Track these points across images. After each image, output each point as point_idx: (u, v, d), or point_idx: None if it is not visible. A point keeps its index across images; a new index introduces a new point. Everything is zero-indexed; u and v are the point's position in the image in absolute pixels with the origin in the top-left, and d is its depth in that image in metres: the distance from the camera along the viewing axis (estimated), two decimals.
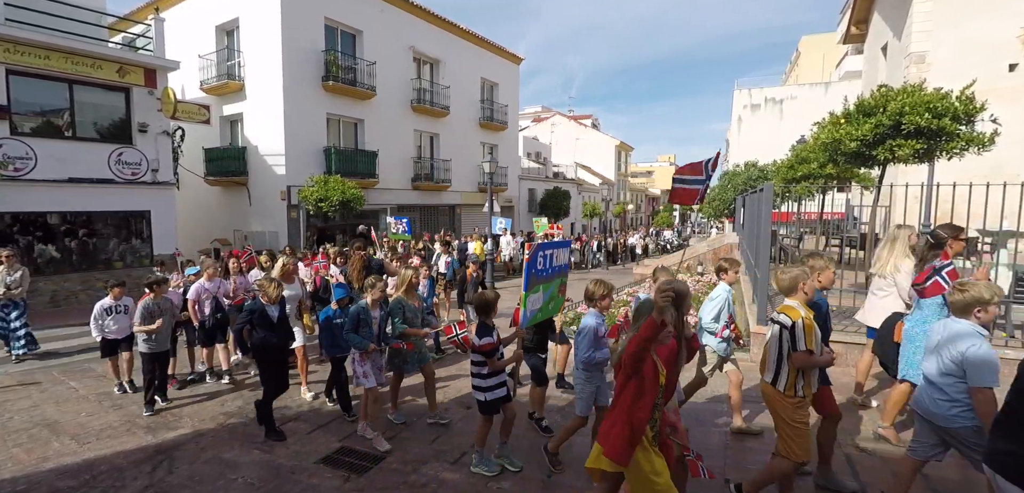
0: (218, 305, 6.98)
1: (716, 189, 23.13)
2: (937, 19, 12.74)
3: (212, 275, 7.11)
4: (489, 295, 4.29)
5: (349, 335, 4.95)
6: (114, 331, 6.44)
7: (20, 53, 10.83)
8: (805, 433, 3.25)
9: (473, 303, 4.26)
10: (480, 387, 4.18)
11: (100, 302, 6.41)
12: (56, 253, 11.94)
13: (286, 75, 16.28)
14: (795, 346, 3.18)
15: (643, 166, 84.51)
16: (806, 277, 3.35)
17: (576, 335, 4.26)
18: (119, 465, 4.73)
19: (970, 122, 6.79)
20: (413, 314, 5.31)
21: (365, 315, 5.01)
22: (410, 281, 5.37)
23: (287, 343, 5.44)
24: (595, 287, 4.29)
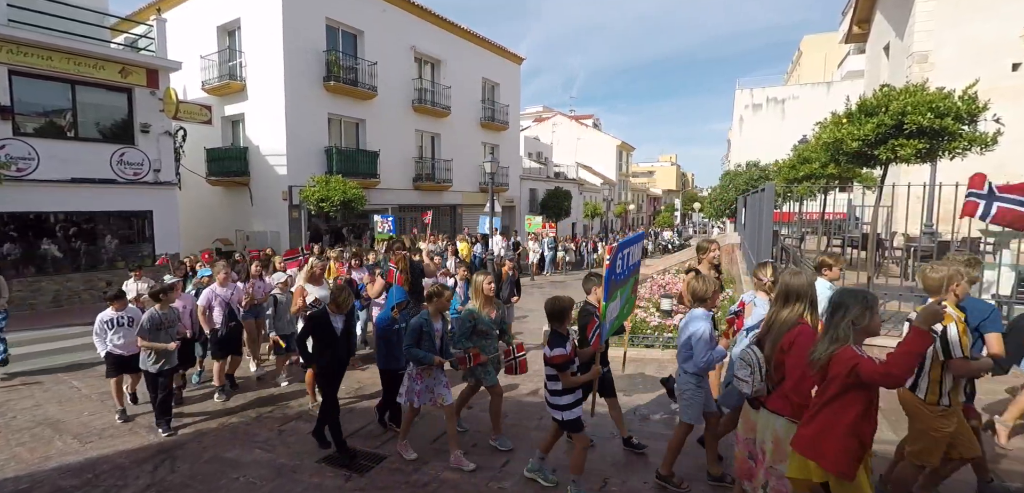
0: (231, 312, 6.48)
1: (717, 189, 23.13)
2: (939, 19, 12.70)
3: (225, 279, 6.61)
4: (565, 300, 3.86)
5: (411, 350, 4.38)
6: (120, 346, 5.67)
7: (23, 54, 10.85)
8: (944, 442, 3.05)
9: (546, 311, 3.76)
10: (557, 404, 3.76)
11: (100, 314, 5.70)
12: (59, 253, 11.96)
13: (287, 75, 16.29)
14: (949, 353, 2.95)
15: (644, 166, 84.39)
16: (959, 278, 3.13)
17: (686, 338, 3.75)
18: (121, 464, 4.75)
19: (973, 122, 6.77)
20: (488, 327, 4.80)
21: (428, 327, 4.43)
22: (485, 290, 4.82)
23: (348, 359, 5.09)
24: (702, 284, 3.83)
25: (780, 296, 2.95)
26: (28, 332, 9.40)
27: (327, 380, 4.82)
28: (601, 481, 4.08)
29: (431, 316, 4.51)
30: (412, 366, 4.52)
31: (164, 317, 5.43)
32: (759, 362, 2.90)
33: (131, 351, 5.57)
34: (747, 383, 2.91)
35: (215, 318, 6.39)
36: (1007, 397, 4.99)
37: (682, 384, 3.83)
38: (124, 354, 5.66)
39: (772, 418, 2.81)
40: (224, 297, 6.48)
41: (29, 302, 11.26)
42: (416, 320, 4.44)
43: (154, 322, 5.33)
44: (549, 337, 3.73)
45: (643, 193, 68.59)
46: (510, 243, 20.32)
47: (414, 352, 4.39)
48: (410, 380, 4.54)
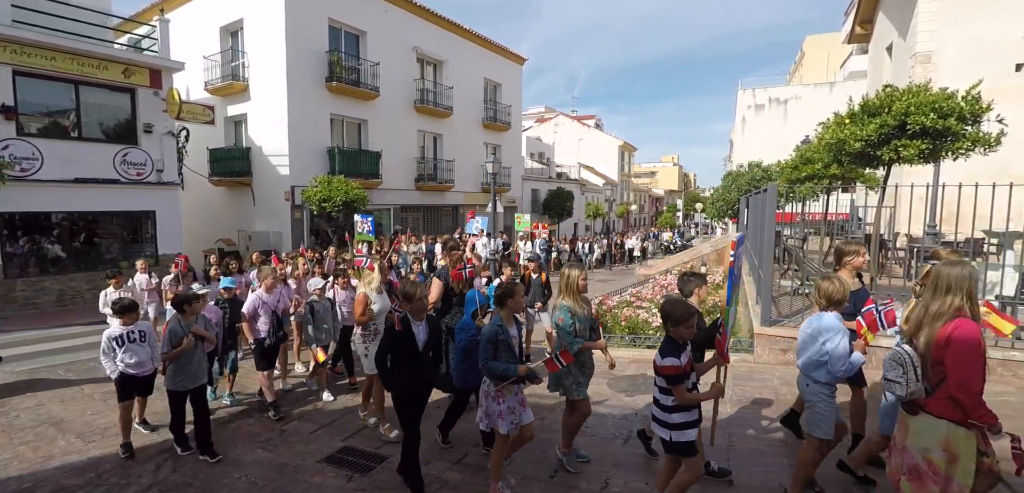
0: (278, 321, 5.99)
1: (719, 190, 23.08)
2: (943, 19, 12.66)
3: (272, 285, 6.03)
4: (684, 302, 3.37)
5: (490, 364, 3.72)
6: (132, 366, 4.94)
7: (26, 54, 10.90)
8: None
9: (662, 311, 3.31)
10: (664, 421, 3.25)
11: (107, 332, 4.97)
12: (62, 253, 12.00)
13: (290, 76, 16.33)
14: None
15: (646, 166, 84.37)
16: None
17: (818, 344, 3.40)
18: (123, 463, 4.76)
19: (976, 122, 6.75)
20: (584, 325, 4.11)
21: (503, 333, 3.82)
22: (577, 283, 4.17)
23: (437, 377, 4.51)
24: (835, 286, 3.45)
25: (933, 287, 2.70)
26: (31, 332, 9.44)
27: (408, 406, 4.03)
28: (602, 482, 4.08)
29: (504, 320, 3.88)
30: (488, 383, 3.84)
31: (188, 330, 4.82)
32: (912, 361, 2.64)
33: (145, 371, 5.03)
34: (900, 384, 2.66)
35: (260, 328, 5.86)
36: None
37: (812, 396, 3.46)
38: (138, 374, 4.99)
39: (936, 423, 2.55)
40: (271, 304, 5.93)
41: (33, 302, 11.31)
42: (489, 328, 3.84)
43: (178, 336, 4.73)
44: (662, 343, 3.30)
45: (645, 193, 68.55)
46: (498, 244, 18.90)
47: (493, 367, 3.72)
48: (488, 401, 3.82)
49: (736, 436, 4.71)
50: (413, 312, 4.02)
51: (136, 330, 5.01)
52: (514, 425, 3.78)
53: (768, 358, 6.55)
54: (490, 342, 3.78)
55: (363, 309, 5.40)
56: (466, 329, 4.69)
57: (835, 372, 3.33)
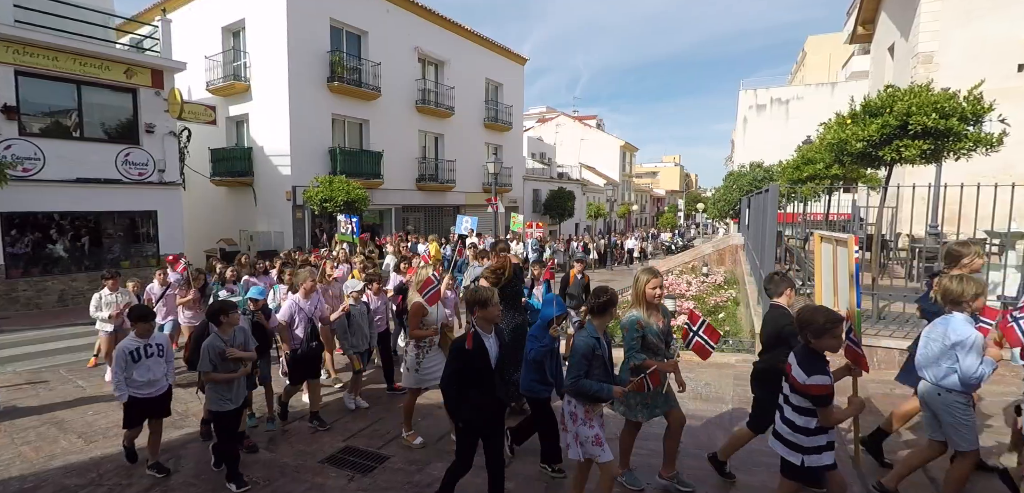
0: (314, 330, 5.51)
1: (721, 190, 23.06)
2: (945, 19, 12.64)
3: (310, 290, 5.55)
4: (824, 309, 2.89)
5: (582, 382, 3.22)
6: (144, 386, 4.35)
7: (29, 54, 10.93)
8: None
9: (800, 319, 2.85)
10: (797, 444, 2.81)
11: (121, 345, 4.37)
12: (64, 253, 12.03)
13: (292, 76, 16.35)
14: None
15: (648, 166, 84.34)
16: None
17: (945, 347, 3.13)
18: (125, 464, 4.76)
19: (978, 122, 6.73)
20: (657, 338, 3.68)
21: (600, 347, 3.33)
22: (646, 292, 3.69)
23: (509, 400, 4.10)
24: (959, 285, 3.14)
25: None
26: (33, 331, 9.46)
27: (474, 434, 3.48)
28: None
29: (598, 330, 3.37)
30: (574, 404, 3.33)
31: (226, 345, 4.31)
32: None
33: (159, 390, 4.44)
34: None
35: (296, 336, 5.38)
36: None
37: (948, 405, 3.14)
38: (153, 395, 4.38)
39: None
40: (308, 311, 5.45)
41: (35, 302, 11.34)
42: (583, 341, 3.29)
43: (218, 352, 4.21)
44: (801, 357, 2.82)
45: (647, 194, 68.52)
46: (486, 244, 18.11)
47: (587, 386, 3.22)
48: (578, 424, 3.30)
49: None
50: (484, 322, 3.44)
51: (154, 343, 4.44)
52: (600, 453, 3.27)
53: None
54: (584, 358, 3.26)
55: (418, 321, 4.87)
56: (537, 338, 4.05)
57: (970, 377, 3.03)
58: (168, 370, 4.56)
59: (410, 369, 4.95)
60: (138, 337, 4.38)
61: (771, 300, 3.87)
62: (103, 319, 7.20)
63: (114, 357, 4.35)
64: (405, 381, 5.06)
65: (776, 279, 3.90)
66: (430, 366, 4.89)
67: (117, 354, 4.31)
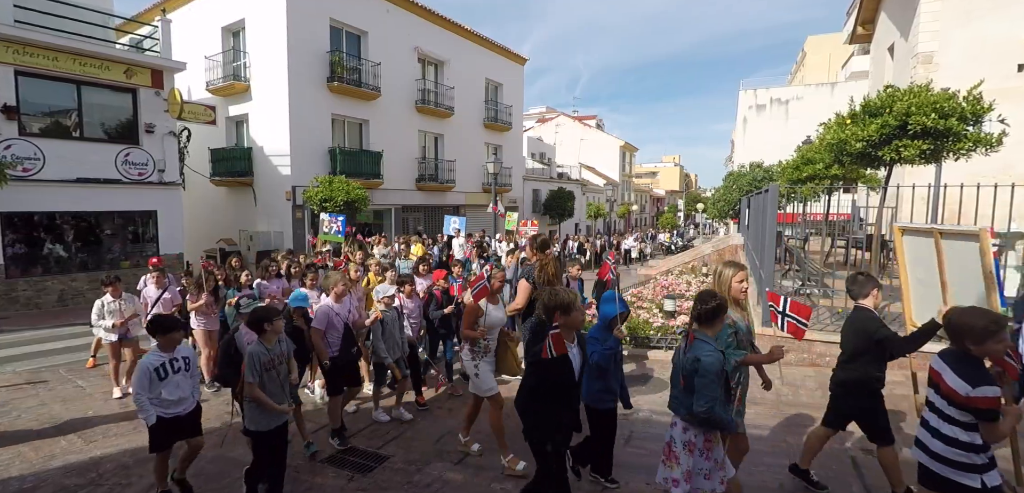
0: (350, 335, 5.15)
1: (721, 190, 23.07)
2: (945, 19, 12.64)
3: (342, 293, 5.16)
4: (985, 312, 2.61)
5: (719, 411, 2.71)
6: (174, 405, 3.90)
7: (28, 54, 10.93)
8: None
9: (959, 325, 2.54)
10: (972, 464, 2.50)
11: (143, 362, 3.86)
12: (63, 253, 12.03)
13: (291, 76, 16.34)
14: None
15: (648, 167, 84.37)
16: None
17: None
18: (125, 463, 4.76)
19: (978, 122, 6.74)
20: (747, 337, 3.42)
21: (727, 364, 2.93)
22: (732, 286, 3.39)
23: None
24: None
25: None
26: (33, 331, 9.47)
27: (559, 458, 3.09)
28: (603, 483, 4.07)
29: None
30: (692, 433, 2.85)
31: (272, 356, 3.85)
32: None
33: (188, 408, 4.00)
34: None
35: (331, 343, 5.01)
36: None
37: None
38: (182, 413, 3.95)
39: None
40: (344, 316, 5.10)
41: (35, 302, 11.34)
42: (713, 357, 2.74)
43: (261, 362, 3.76)
44: (957, 366, 2.50)
45: (646, 194, 68.53)
46: (473, 245, 16.94)
47: (721, 415, 2.73)
48: (693, 455, 2.84)
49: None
50: (566, 330, 3.05)
51: (180, 356, 3.95)
52: (723, 482, 2.88)
53: None
54: (717, 378, 2.71)
55: (473, 321, 4.53)
56: (597, 340, 3.70)
57: None
58: (195, 385, 4.11)
59: (470, 374, 4.62)
60: (162, 351, 3.88)
61: (856, 302, 3.57)
62: (107, 328, 6.67)
63: (135, 376, 3.86)
64: (472, 387, 4.69)
65: (860, 280, 3.61)
66: (487, 370, 4.56)
67: (140, 373, 3.80)
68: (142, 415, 3.80)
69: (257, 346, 3.82)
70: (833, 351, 6.39)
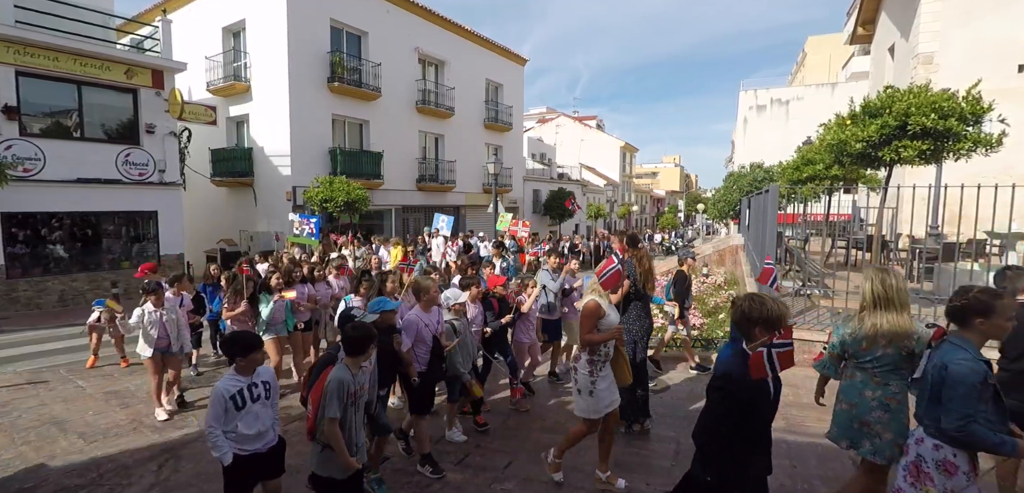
0: (438, 348, 4.54)
1: (721, 191, 23.07)
2: (945, 20, 12.64)
3: (432, 301, 4.56)
4: None
5: (978, 430, 2.27)
6: (252, 441, 3.18)
7: (29, 55, 10.94)
8: None
9: None
10: None
11: (220, 387, 3.10)
12: (64, 253, 12.04)
13: (292, 76, 16.36)
14: None
15: (648, 167, 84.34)
16: None
17: None
18: (125, 464, 4.76)
19: (977, 123, 6.74)
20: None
21: (992, 376, 2.39)
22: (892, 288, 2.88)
23: None
24: None
25: None
26: (34, 331, 9.47)
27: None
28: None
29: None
30: (945, 452, 2.39)
31: (359, 384, 3.25)
32: None
33: (269, 443, 3.28)
34: None
35: (419, 356, 4.41)
36: None
37: None
38: (263, 449, 3.24)
39: None
40: (433, 327, 4.53)
41: (35, 302, 11.35)
42: (969, 366, 2.30)
43: (347, 392, 3.12)
44: None
45: (647, 194, 68.51)
46: (459, 246, 15.89)
47: (982, 435, 2.28)
48: (954, 477, 2.38)
49: None
50: (764, 329, 2.39)
51: (259, 381, 3.24)
52: None
53: None
54: (973, 391, 2.27)
55: (593, 323, 3.78)
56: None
57: None
58: (276, 415, 3.37)
59: (583, 391, 3.84)
60: (239, 375, 3.18)
61: (1018, 298, 3.19)
62: (151, 340, 5.66)
63: (209, 405, 3.12)
64: (579, 408, 3.92)
65: (1010, 274, 3.27)
66: (604, 387, 3.85)
67: (215, 402, 3.08)
68: (216, 453, 3.08)
69: (344, 372, 3.13)
70: None
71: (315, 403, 3.19)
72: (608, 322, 3.80)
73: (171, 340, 5.79)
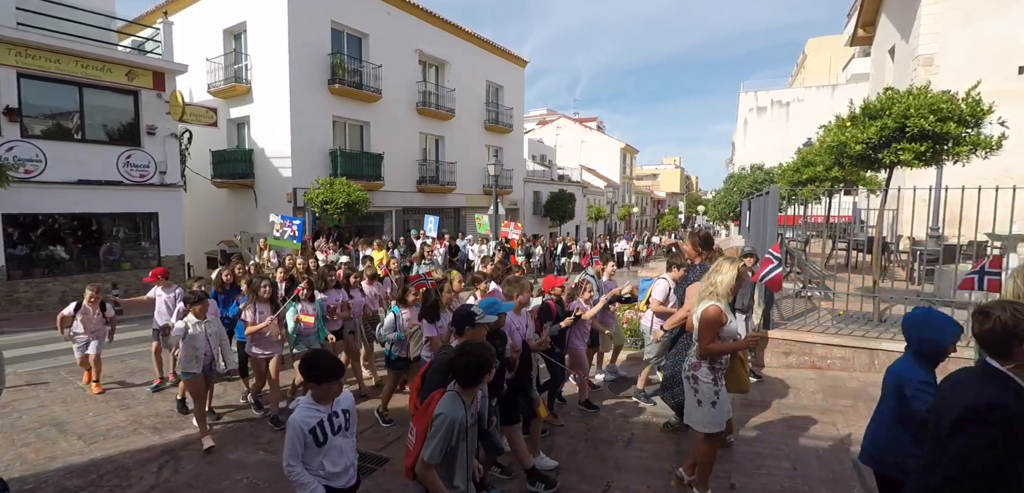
0: (528, 354, 4.26)
1: (721, 192, 23.07)
2: (946, 21, 12.65)
3: (523, 303, 4.31)
4: None
5: None
6: (337, 478, 2.82)
7: (31, 56, 10.97)
8: None
9: None
10: None
11: (298, 420, 2.67)
12: (65, 254, 12.06)
13: (293, 78, 16.38)
14: None
15: (648, 169, 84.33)
16: None
17: None
18: (125, 465, 4.76)
19: (977, 125, 6.72)
20: None
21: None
22: None
23: None
24: None
25: None
26: (34, 332, 9.47)
27: None
28: (604, 484, 4.07)
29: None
30: None
31: (470, 414, 2.80)
32: None
33: (351, 480, 2.95)
34: None
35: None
36: None
37: None
38: (345, 486, 2.92)
39: None
40: (523, 331, 4.30)
41: (36, 303, 11.36)
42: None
43: (458, 427, 2.66)
44: None
45: (647, 196, 68.50)
46: (445, 249, 15.28)
47: None
48: None
49: (738, 438, 4.70)
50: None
51: (340, 410, 2.84)
52: None
53: (771, 361, 6.55)
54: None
55: (716, 331, 3.42)
56: (927, 385, 2.40)
57: None
58: (354, 445, 2.98)
59: (705, 402, 3.49)
60: (320, 404, 2.75)
61: None
62: (197, 358, 4.90)
63: (287, 440, 2.69)
64: (701, 421, 3.53)
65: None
66: (725, 395, 3.56)
67: (293, 436, 2.67)
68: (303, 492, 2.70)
69: (456, 407, 2.65)
70: (834, 354, 6.41)
71: (421, 434, 2.62)
72: (729, 330, 3.49)
73: (215, 356, 5.08)
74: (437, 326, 4.90)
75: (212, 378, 5.33)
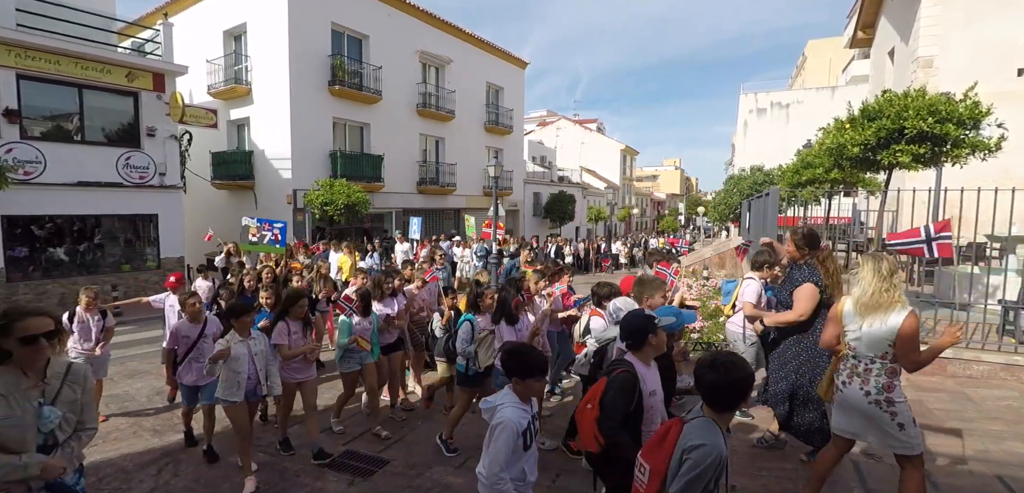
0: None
1: (721, 193, 23.09)
2: (945, 23, 12.66)
3: (654, 305, 3.71)
4: None
5: None
6: (530, 487, 2.63)
7: (31, 58, 10.97)
8: None
9: None
10: None
11: (513, 418, 2.46)
12: (64, 256, 12.05)
13: (293, 79, 16.39)
14: None
15: (649, 170, 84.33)
16: None
17: None
18: (125, 468, 4.76)
19: (975, 126, 6.73)
20: None
21: None
22: None
23: None
24: None
25: None
26: None
27: None
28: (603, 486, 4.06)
29: None
30: None
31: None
32: None
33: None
34: None
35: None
36: None
37: None
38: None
39: None
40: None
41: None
42: None
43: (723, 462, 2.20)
44: None
45: (647, 197, 68.51)
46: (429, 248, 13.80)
47: None
48: None
49: (738, 439, 4.70)
50: None
51: (532, 413, 2.61)
52: None
53: None
54: None
55: (837, 335, 3.19)
56: None
57: None
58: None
59: (906, 422, 3.02)
60: (523, 404, 2.55)
61: None
62: (240, 382, 4.16)
63: (497, 444, 2.42)
64: (905, 443, 3.00)
65: None
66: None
67: (507, 438, 2.40)
68: None
69: (715, 433, 2.11)
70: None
71: (658, 473, 2.14)
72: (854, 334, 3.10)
73: (260, 379, 4.32)
74: (516, 329, 4.63)
75: (255, 405, 4.58)
